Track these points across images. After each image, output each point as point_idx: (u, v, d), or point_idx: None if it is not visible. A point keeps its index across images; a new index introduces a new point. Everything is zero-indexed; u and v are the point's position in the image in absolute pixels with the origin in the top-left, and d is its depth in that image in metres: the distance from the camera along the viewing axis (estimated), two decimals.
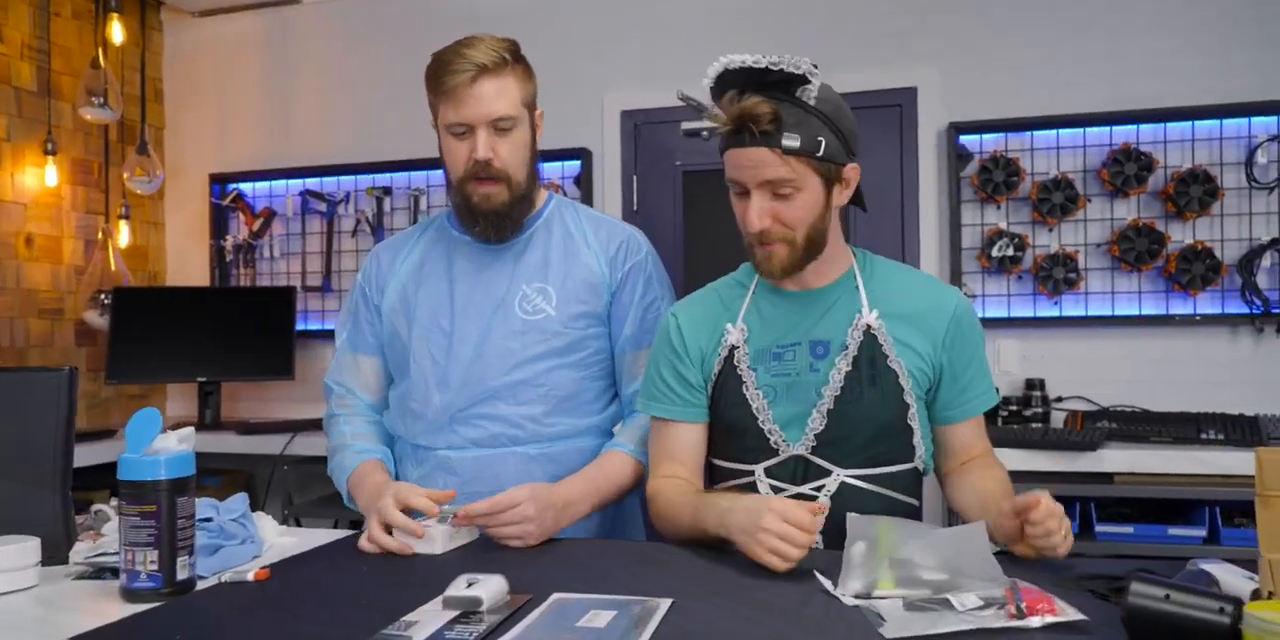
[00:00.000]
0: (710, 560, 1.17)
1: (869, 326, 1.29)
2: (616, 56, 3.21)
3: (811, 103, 1.22)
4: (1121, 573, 1.00)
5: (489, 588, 0.98)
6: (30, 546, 1.10)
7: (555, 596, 1.01)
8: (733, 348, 1.33)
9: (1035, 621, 0.88)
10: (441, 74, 1.39)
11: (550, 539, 1.31)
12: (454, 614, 0.95)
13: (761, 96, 1.22)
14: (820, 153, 1.23)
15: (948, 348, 1.32)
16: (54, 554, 1.18)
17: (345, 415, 1.57)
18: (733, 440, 1.34)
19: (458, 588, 0.98)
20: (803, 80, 1.21)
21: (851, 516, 1.17)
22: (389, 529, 1.25)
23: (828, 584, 1.02)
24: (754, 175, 1.24)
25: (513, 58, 1.42)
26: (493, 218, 1.45)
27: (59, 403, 1.24)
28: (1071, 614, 0.89)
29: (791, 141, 1.21)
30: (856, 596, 0.99)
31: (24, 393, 1.23)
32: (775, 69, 1.20)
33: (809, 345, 1.31)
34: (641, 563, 1.18)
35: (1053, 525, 1.09)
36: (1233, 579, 0.94)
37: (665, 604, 0.97)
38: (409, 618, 0.94)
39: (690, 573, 1.12)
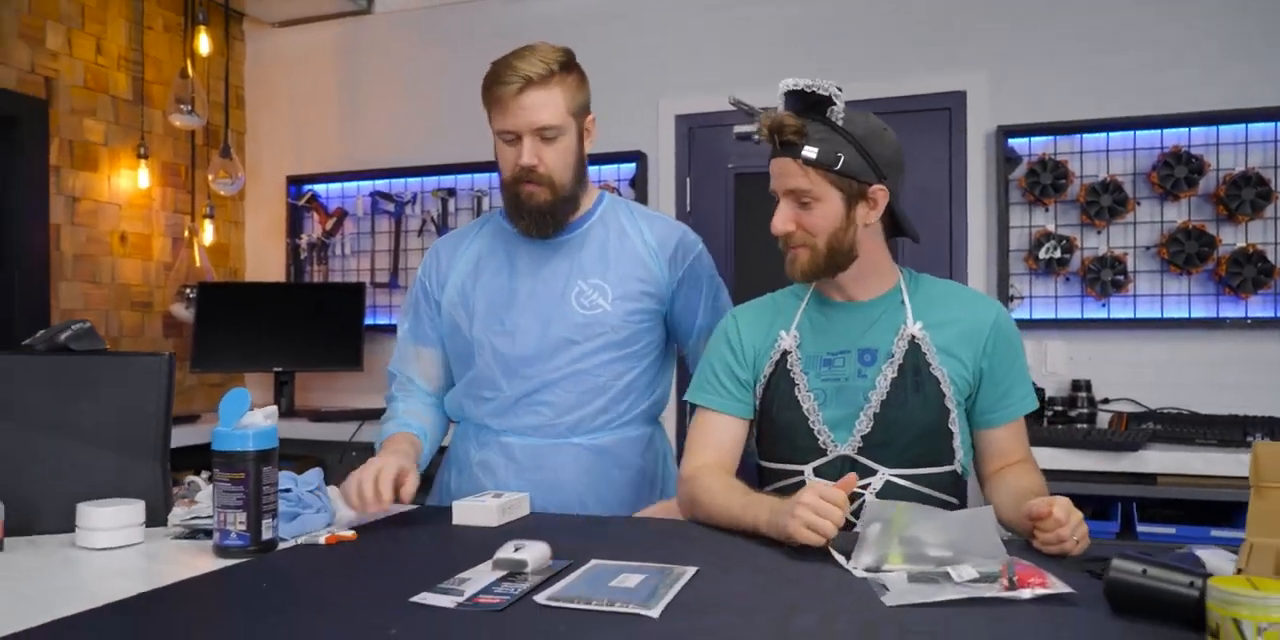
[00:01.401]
0: (736, 537, 1.27)
1: (914, 336, 1.39)
2: (672, 63, 3.32)
3: (839, 123, 1.34)
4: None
5: (534, 552, 1.09)
6: (137, 508, 1.26)
7: (593, 562, 1.12)
8: (785, 353, 1.43)
9: (1026, 593, 0.96)
10: (492, 84, 1.50)
11: (592, 516, 1.42)
12: (502, 573, 1.07)
13: (792, 113, 1.34)
14: (838, 167, 1.33)
15: (988, 355, 1.40)
16: (154, 517, 1.33)
17: (402, 396, 1.70)
18: (782, 442, 1.43)
19: (506, 551, 1.10)
20: (829, 101, 1.33)
21: (870, 500, 1.27)
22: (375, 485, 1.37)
23: (841, 559, 1.12)
24: (780, 183, 1.38)
25: (561, 68, 1.50)
26: (536, 215, 1.55)
27: (159, 383, 1.39)
28: (1060, 587, 0.97)
29: (809, 153, 1.33)
30: (867, 570, 1.08)
31: (130, 374, 1.39)
32: (809, 90, 1.33)
33: (857, 353, 1.41)
34: (673, 537, 1.28)
35: (1064, 533, 1.15)
36: (1220, 562, 1.01)
37: (690, 571, 1.08)
38: (462, 575, 1.06)
39: (717, 547, 1.22)
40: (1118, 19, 2.85)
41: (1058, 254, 2.86)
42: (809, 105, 1.35)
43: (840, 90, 1.32)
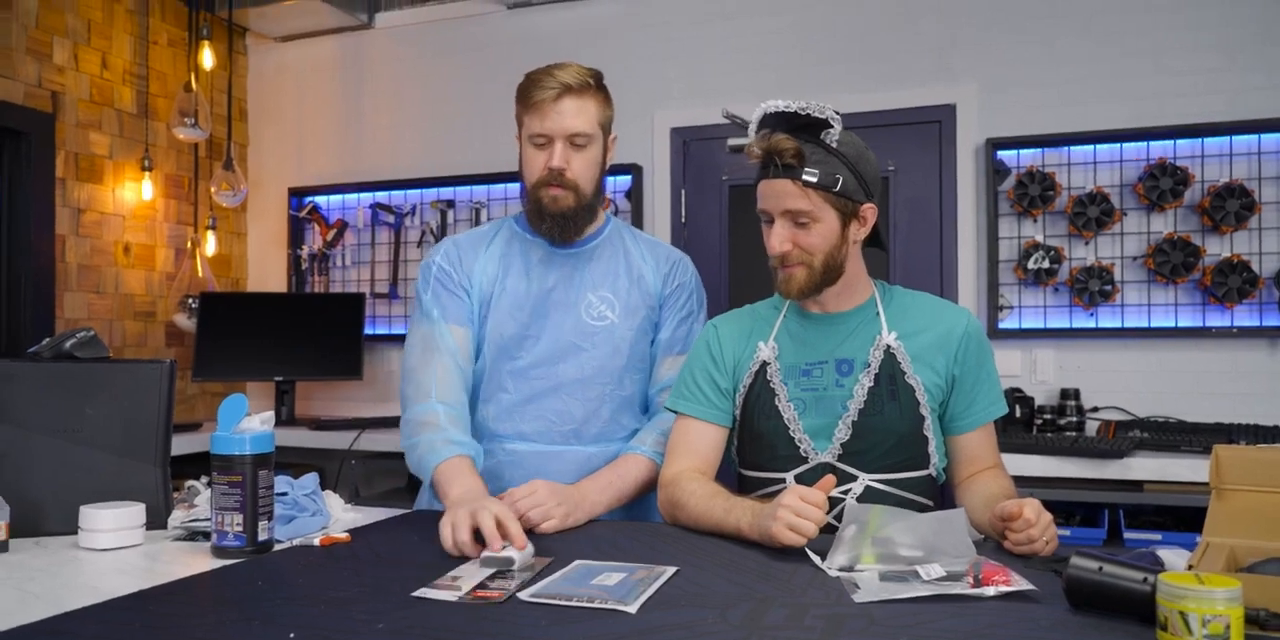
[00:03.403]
0: (717, 539, 1.31)
1: (889, 346, 1.43)
2: (667, 76, 3.37)
3: (833, 145, 1.38)
4: None
5: (519, 551, 1.13)
6: (138, 510, 1.30)
7: (577, 562, 1.16)
8: (764, 364, 1.48)
9: (990, 590, 1.00)
10: (531, 89, 1.56)
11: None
12: (491, 571, 1.11)
13: (789, 136, 1.37)
14: (837, 189, 1.38)
15: (959, 362, 1.45)
16: (154, 519, 1.37)
17: (429, 432, 1.51)
18: (764, 450, 1.47)
19: (493, 550, 1.14)
20: (825, 124, 1.37)
21: (850, 504, 1.31)
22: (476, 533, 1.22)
23: (816, 559, 1.16)
24: (777, 204, 1.40)
25: (595, 83, 1.59)
26: (558, 219, 1.60)
27: (160, 390, 1.44)
28: (1023, 584, 1.01)
29: (810, 176, 1.36)
30: (841, 570, 1.12)
31: (132, 381, 1.44)
32: (803, 113, 1.36)
33: (835, 363, 1.45)
34: (656, 539, 1.32)
35: (1034, 533, 1.19)
36: (1177, 560, 1.05)
37: (670, 570, 1.12)
38: (453, 573, 1.11)
39: (698, 547, 1.26)
40: (1106, 33, 2.90)
41: (1046, 264, 2.90)
42: (799, 126, 1.38)
43: (837, 113, 1.37)
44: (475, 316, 1.63)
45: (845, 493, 1.41)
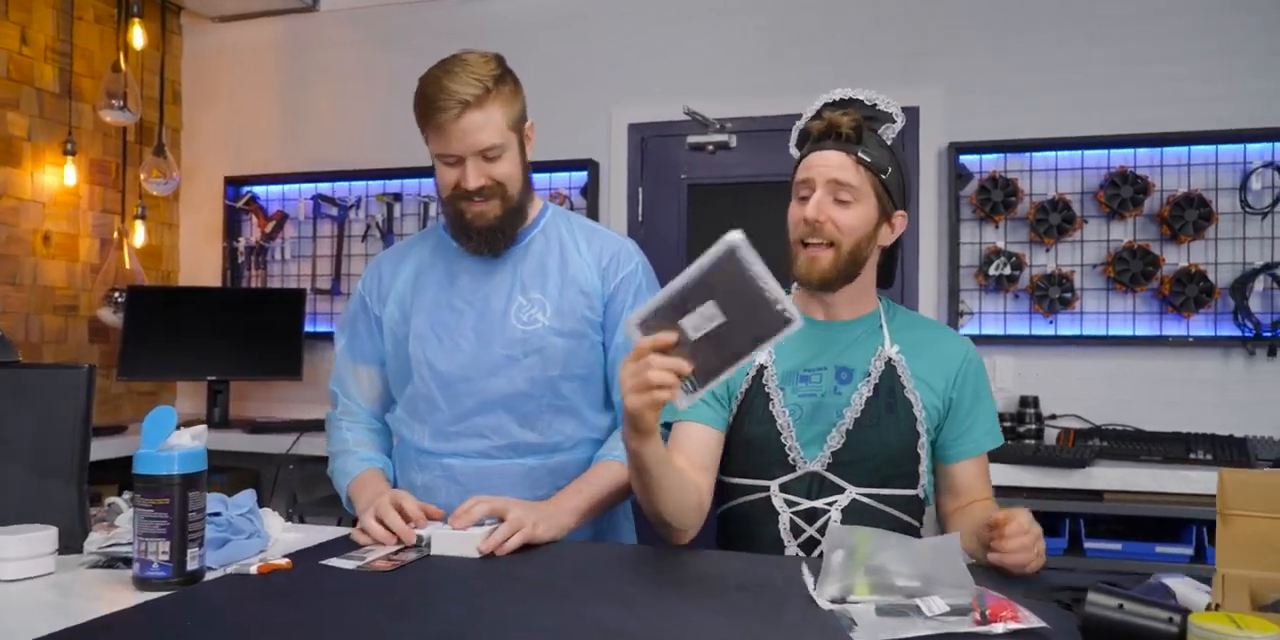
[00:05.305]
0: (698, 562, 1.22)
1: (890, 359, 1.38)
2: (625, 71, 3.27)
3: (888, 141, 1.36)
4: (1086, 585, 1.04)
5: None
6: (48, 535, 1.16)
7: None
8: (762, 368, 1.40)
9: (999, 628, 0.93)
10: (428, 109, 1.42)
11: (563, 542, 1.35)
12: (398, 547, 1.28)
13: (852, 114, 1.35)
14: (885, 176, 1.34)
15: (958, 387, 1.41)
16: (69, 543, 1.23)
17: (347, 421, 1.62)
18: (751, 457, 1.39)
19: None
20: (888, 119, 1.35)
21: (832, 526, 1.23)
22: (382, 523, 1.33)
23: (809, 582, 1.08)
24: (824, 173, 1.34)
25: (496, 83, 1.41)
26: (486, 234, 1.48)
27: (77, 399, 1.29)
28: (1033, 621, 0.94)
29: (865, 155, 1.33)
30: (833, 601, 1.04)
31: (45, 388, 1.29)
32: (870, 103, 1.36)
33: (835, 370, 1.39)
34: (642, 566, 1.23)
35: (1026, 541, 1.14)
36: (1190, 592, 0.99)
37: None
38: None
39: (676, 575, 1.17)
40: (1068, 41, 2.88)
41: (1007, 271, 2.88)
42: (864, 116, 1.36)
43: (903, 111, 1.37)
44: (381, 350, 1.61)
45: (830, 505, 1.34)
